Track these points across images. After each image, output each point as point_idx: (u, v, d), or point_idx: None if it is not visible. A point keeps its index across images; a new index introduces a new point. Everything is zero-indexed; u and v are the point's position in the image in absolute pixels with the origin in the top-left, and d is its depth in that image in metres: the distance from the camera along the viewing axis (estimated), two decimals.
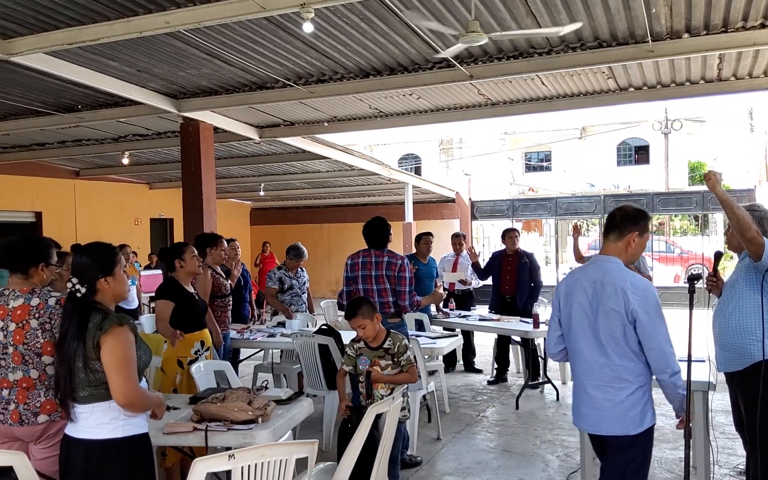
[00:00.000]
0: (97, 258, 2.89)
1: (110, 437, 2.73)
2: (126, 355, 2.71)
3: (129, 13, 5.36)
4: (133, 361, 2.75)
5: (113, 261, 2.92)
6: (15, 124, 9.57)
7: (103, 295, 2.87)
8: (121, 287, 2.95)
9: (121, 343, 2.71)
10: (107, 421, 2.73)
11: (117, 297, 2.95)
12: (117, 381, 2.67)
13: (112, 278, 2.89)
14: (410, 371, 4.30)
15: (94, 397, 2.73)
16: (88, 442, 2.73)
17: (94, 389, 2.73)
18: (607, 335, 3.13)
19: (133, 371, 2.73)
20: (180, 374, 4.75)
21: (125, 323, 2.77)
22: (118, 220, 15.70)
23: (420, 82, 7.34)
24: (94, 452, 2.71)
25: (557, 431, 6.20)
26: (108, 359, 2.69)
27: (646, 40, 6.26)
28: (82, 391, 2.74)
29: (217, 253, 6.20)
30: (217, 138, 9.74)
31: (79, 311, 2.79)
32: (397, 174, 16.04)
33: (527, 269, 8.00)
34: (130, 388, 2.68)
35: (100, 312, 2.79)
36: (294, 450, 2.79)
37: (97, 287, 2.85)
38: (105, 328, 2.71)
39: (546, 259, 21.94)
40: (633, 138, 32.37)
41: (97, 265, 2.87)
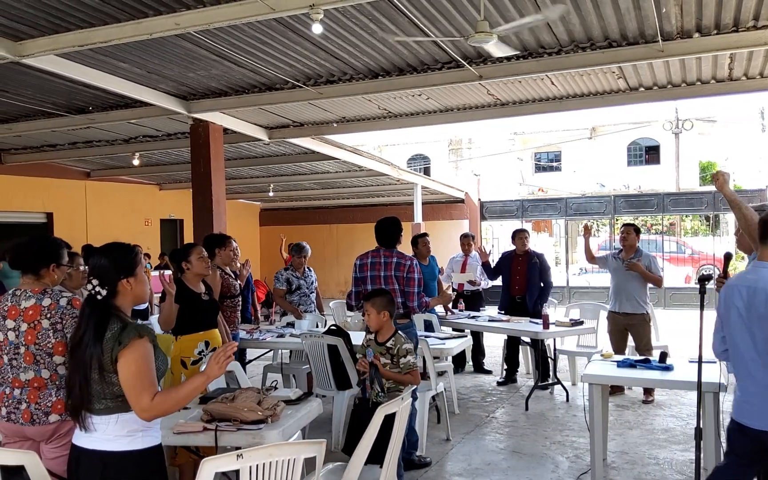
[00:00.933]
0: (117, 258, 2.77)
1: (128, 449, 2.62)
2: (144, 368, 2.59)
3: (139, 15, 5.38)
4: (152, 372, 2.62)
5: (134, 261, 2.81)
6: (26, 125, 9.64)
7: (123, 298, 2.75)
8: (142, 289, 2.83)
9: (138, 357, 2.58)
10: (124, 433, 2.62)
11: (138, 299, 2.83)
12: (134, 397, 2.56)
13: (134, 279, 2.78)
14: (412, 374, 4.36)
15: (110, 410, 2.61)
16: (104, 454, 2.61)
17: (111, 401, 2.61)
18: (763, 339, 3.19)
19: (150, 382, 2.60)
20: (184, 375, 4.74)
21: (145, 334, 2.64)
22: (129, 221, 15.78)
23: (429, 82, 7.34)
24: (111, 465, 2.60)
25: (567, 432, 6.18)
26: (125, 374, 2.57)
27: (656, 39, 6.23)
28: (97, 403, 2.61)
29: (226, 253, 6.21)
30: (226, 139, 9.77)
31: (97, 317, 2.66)
32: (406, 174, 16.03)
33: (537, 270, 7.97)
34: (147, 403, 2.56)
35: (119, 320, 2.65)
36: (302, 450, 2.79)
37: (119, 289, 2.73)
38: (124, 342, 2.58)
39: (556, 259, 21.87)
40: (643, 138, 32.22)
41: (119, 266, 2.75)
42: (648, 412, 6.77)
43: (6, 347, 3.22)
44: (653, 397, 7.13)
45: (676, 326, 10.79)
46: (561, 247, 21.55)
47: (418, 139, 32.93)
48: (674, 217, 22.78)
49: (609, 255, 7.78)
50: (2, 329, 3.24)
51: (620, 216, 16.87)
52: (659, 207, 17.05)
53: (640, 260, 7.13)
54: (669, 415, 6.68)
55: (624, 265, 7.14)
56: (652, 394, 7.14)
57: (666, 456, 5.51)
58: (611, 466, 5.28)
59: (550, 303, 8.44)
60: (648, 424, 6.38)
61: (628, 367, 4.99)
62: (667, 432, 6.14)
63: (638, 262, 7.08)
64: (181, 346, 4.82)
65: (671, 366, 4.86)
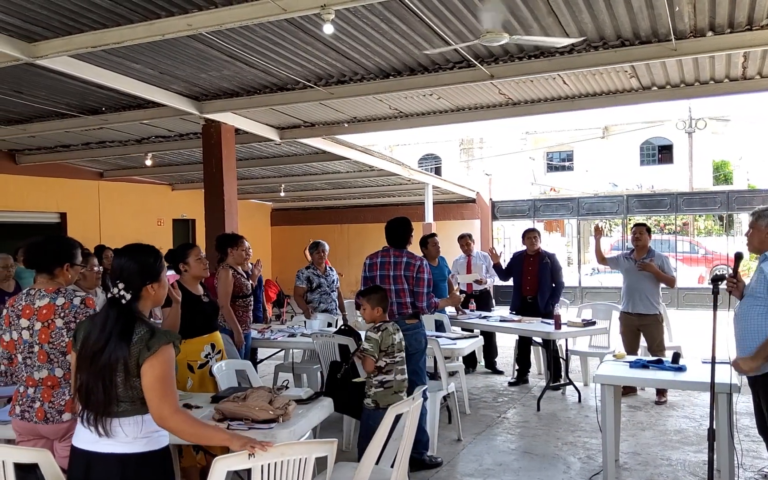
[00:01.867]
0: (144, 263, 2.74)
1: (147, 450, 2.61)
2: (169, 374, 2.58)
3: (152, 16, 5.41)
4: (172, 380, 2.61)
5: (160, 266, 2.79)
6: (40, 126, 9.72)
7: (145, 302, 2.74)
8: (163, 293, 2.83)
9: (164, 362, 2.57)
10: (142, 435, 2.61)
11: (156, 303, 2.83)
12: (156, 401, 2.54)
13: (158, 284, 2.77)
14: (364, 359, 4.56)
15: (129, 412, 2.59)
16: (123, 457, 2.58)
17: (130, 404, 2.59)
18: None
19: (173, 389, 2.60)
20: (191, 379, 4.62)
21: (171, 340, 2.63)
22: (141, 221, 15.85)
23: (440, 82, 7.32)
24: (131, 466, 2.58)
25: (579, 433, 6.15)
26: (149, 379, 2.55)
27: (669, 38, 6.19)
28: (117, 406, 2.58)
29: (239, 253, 6.24)
30: (238, 139, 9.80)
31: (123, 321, 2.62)
32: (417, 174, 16.01)
33: (548, 270, 7.94)
34: (168, 411, 2.54)
35: (144, 324, 2.63)
36: (313, 449, 2.79)
37: (142, 294, 2.72)
38: (153, 347, 2.55)
39: (568, 259, 21.79)
40: (656, 137, 32.05)
41: (146, 271, 2.73)
42: (661, 413, 6.74)
43: (20, 346, 3.25)
44: (666, 398, 7.09)
45: (689, 327, 10.73)
46: (573, 247, 21.46)
47: (429, 138, 32.93)
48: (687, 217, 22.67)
49: (621, 255, 7.75)
50: (17, 328, 3.27)
51: (633, 216, 16.78)
52: (672, 207, 16.94)
53: (653, 260, 7.09)
54: (682, 416, 6.64)
55: (636, 266, 7.10)
56: (664, 394, 7.10)
57: (679, 457, 5.47)
58: (623, 467, 5.26)
59: (562, 303, 8.41)
60: (661, 425, 6.34)
61: (640, 367, 4.97)
62: (680, 433, 6.11)
63: (651, 262, 7.04)
64: (186, 349, 4.70)
65: (684, 367, 4.84)
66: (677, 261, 16.03)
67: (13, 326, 3.28)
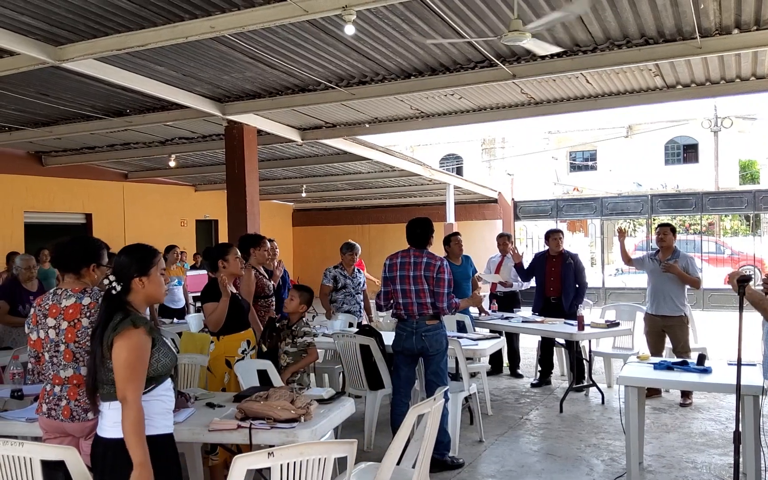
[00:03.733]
0: (135, 258, 2.92)
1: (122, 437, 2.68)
2: (133, 358, 2.69)
3: (175, 19, 5.47)
4: (141, 364, 2.71)
5: (150, 263, 2.94)
6: (66, 128, 9.86)
7: (135, 295, 2.88)
8: (155, 289, 2.94)
9: (128, 345, 2.70)
10: (121, 420, 2.69)
11: (150, 299, 2.96)
12: (119, 383, 2.67)
13: (147, 279, 2.90)
14: (308, 352, 5.10)
15: (111, 396, 2.74)
16: (105, 441, 2.75)
17: (111, 387, 2.74)
18: None
19: (138, 375, 2.69)
20: (228, 374, 4.80)
21: (141, 325, 2.75)
22: (165, 222, 16.02)
23: (462, 82, 7.31)
24: (110, 451, 2.72)
25: (602, 435, 6.10)
26: (116, 361, 2.69)
27: (694, 36, 6.12)
28: (102, 389, 2.79)
29: (261, 253, 6.27)
30: (260, 140, 9.87)
31: (109, 309, 2.83)
32: (438, 174, 15.99)
33: (572, 270, 7.87)
34: (131, 396, 2.64)
35: (124, 312, 2.79)
36: (333, 449, 2.80)
37: (132, 287, 2.87)
38: (119, 329, 2.71)
39: (591, 260, 21.57)
40: (681, 136, 31.63)
41: (134, 265, 2.89)
42: (686, 416, 6.65)
43: (47, 345, 3.30)
44: (691, 400, 7.00)
45: (715, 328, 10.58)
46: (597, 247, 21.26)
47: (450, 138, 32.81)
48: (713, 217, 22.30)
49: (646, 256, 7.66)
50: (43, 327, 3.31)
51: (657, 216, 16.59)
52: (698, 206, 16.72)
53: (678, 261, 7.00)
54: (707, 418, 6.55)
55: (661, 267, 7.02)
56: (690, 397, 7.01)
57: (704, 460, 5.40)
58: (648, 470, 5.20)
59: (586, 304, 8.33)
60: (686, 428, 6.26)
61: (665, 369, 4.91)
62: (706, 436, 6.02)
63: (675, 264, 6.95)
64: (224, 345, 4.87)
65: (709, 368, 4.77)
66: (703, 261, 15.80)
67: (41, 325, 3.33)
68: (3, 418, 3.73)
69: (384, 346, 5.82)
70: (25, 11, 5.30)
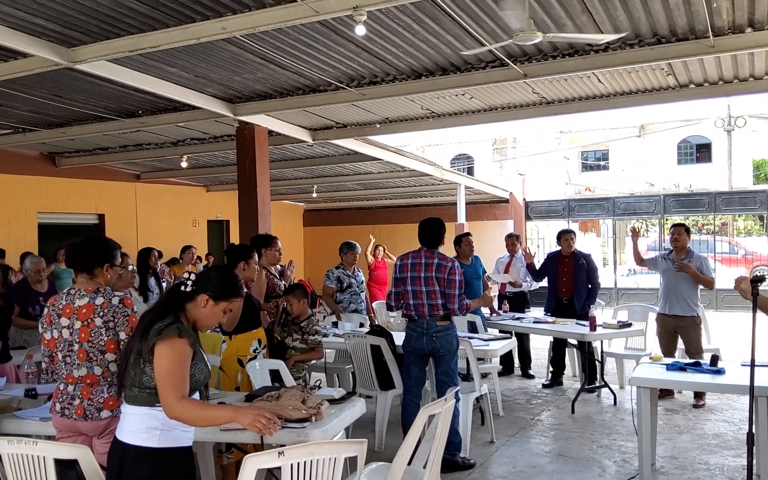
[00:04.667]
0: (221, 283, 2.87)
1: (143, 445, 2.66)
2: (172, 366, 2.64)
3: (187, 20, 5.49)
4: (184, 373, 2.67)
5: (228, 297, 2.87)
6: (79, 129, 9.92)
7: (194, 308, 2.82)
8: (209, 319, 2.88)
9: (170, 354, 2.64)
10: (143, 428, 2.67)
11: (200, 322, 2.86)
12: (162, 390, 2.63)
13: (213, 305, 2.83)
14: (316, 350, 5.56)
15: (137, 400, 2.68)
16: (123, 445, 2.69)
17: (139, 391, 2.68)
18: None
19: (180, 382, 2.65)
20: (241, 373, 4.84)
21: (185, 336, 2.69)
22: (177, 222, 16.09)
23: (473, 81, 7.28)
24: (128, 457, 2.67)
25: (614, 436, 6.07)
26: (157, 367, 2.64)
27: (707, 35, 6.07)
28: (129, 390, 2.71)
29: (272, 253, 6.29)
30: (271, 141, 9.88)
31: (165, 305, 2.80)
32: (449, 174, 15.96)
33: (584, 271, 7.84)
34: (173, 400, 2.61)
35: (174, 317, 2.73)
36: (343, 449, 2.80)
37: (197, 299, 2.82)
38: (163, 334, 2.65)
39: (604, 260, 21.47)
40: (694, 136, 31.42)
41: (216, 287, 2.84)
42: (698, 417, 6.61)
43: (60, 344, 3.33)
44: (704, 402, 6.95)
45: (728, 329, 10.50)
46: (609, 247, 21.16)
47: (461, 138, 32.77)
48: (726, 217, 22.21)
49: (658, 256, 7.62)
50: (57, 327, 3.34)
51: (670, 216, 16.49)
52: (711, 206, 16.60)
53: (691, 261, 6.95)
54: (720, 419, 6.50)
55: (674, 267, 6.98)
56: (703, 398, 6.96)
57: (717, 462, 5.36)
58: (660, 471, 5.17)
59: (598, 304, 8.28)
60: (698, 429, 6.22)
61: (677, 370, 4.88)
62: (719, 437, 5.98)
63: (689, 264, 6.91)
64: (237, 344, 4.90)
65: (723, 369, 4.74)
66: (716, 262, 15.70)
67: (54, 325, 3.36)
68: (17, 417, 3.77)
69: (395, 347, 5.83)
70: (38, 13, 5.34)
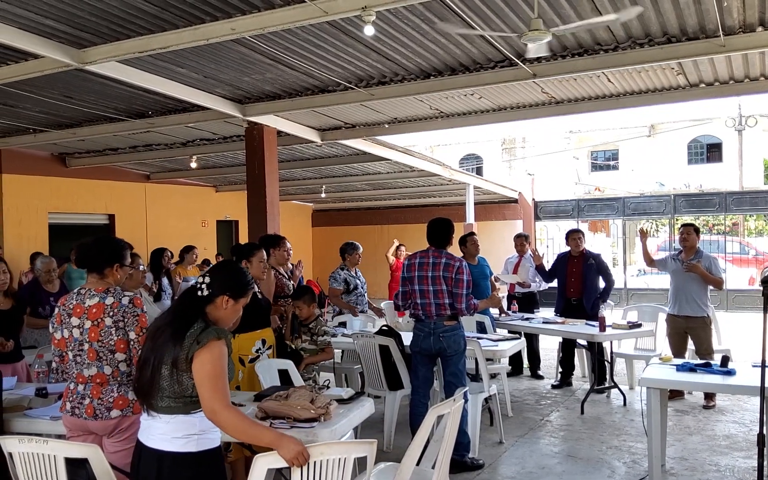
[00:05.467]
0: (236, 282, 2.85)
1: (182, 451, 2.66)
2: (215, 370, 2.62)
3: (196, 21, 5.51)
4: (224, 376, 2.66)
5: (245, 293, 2.87)
6: (89, 130, 9.98)
7: (215, 311, 2.79)
8: (230, 317, 2.85)
9: (212, 358, 2.62)
10: (181, 435, 2.66)
11: (221, 322, 2.82)
12: (206, 395, 2.60)
13: (234, 304, 2.83)
14: (326, 350, 5.65)
15: (172, 410, 2.66)
16: (159, 453, 2.66)
17: (174, 401, 2.66)
18: None
19: (223, 385, 2.64)
20: (242, 372, 4.84)
21: (222, 337, 2.69)
22: (186, 222, 16.15)
23: (482, 81, 7.27)
24: (166, 464, 2.65)
25: (624, 437, 6.04)
26: (200, 373, 2.61)
27: (717, 34, 6.04)
28: (161, 400, 2.66)
29: (281, 253, 6.31)
30: (280, 141, 9.90)
31: (189, 312, 2.74)
32: (458, 175, 15.95)
33: (594, 271, 7.81)
34: (219, 406, 2.59)
35: (202, 322, 2.72)
36: (352, 449, 2.81)
37: (216, 302, 2.79)
38: (202, 341, 2.63)
39: (613, 260, 21.36)
40: (705, 135, 31.25)
41: (232, 286, 2.82)
42: (709, 418, 6.57)
43: (71, 343, 3.35)
44: (714, 403, 6.92)
45: (739, 329, 10.43)
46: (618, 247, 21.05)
47: (470, 138, 32.71)
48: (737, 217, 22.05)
49: (668, 256, 7.58)
50: (68, 326, 3.36)
51: (680, 216, 16.41)
52: (721, 206, 16.51)
53: (701, 262, 6.92)
54: (731, 420, 6.46)
55: (683, 267, 6.94)
56: (713, 399, 6.92)
57: (728, 463, 5.33)
58: (670, 472, 5.15)
59: (607, 305, 8.25)
60: (709, 430, 6.19)
61: (688, 371, 4.86)
62: (729, 438, 5.95)
63: (698, 264, 6.87)
64: (239, 343, 4.90)
65: (733, 370, 4.72)
66: (727, 262, 15.60)
67: (65, 324, 3.38)
68: (28, 415, 3.79)
69: (403, 347, 5.83)
70: (49, 15, 5.38)
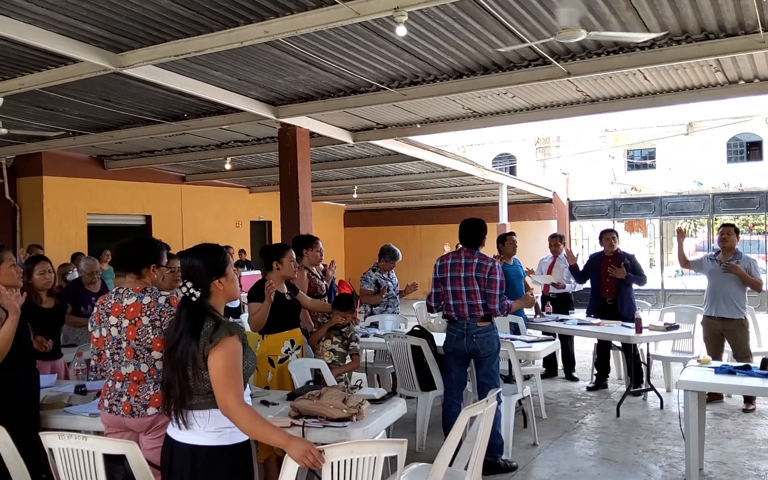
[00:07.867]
0: (208, 260, 2.84)
1: (216, 445, 2.70)
2: (231, 364, 2.67)
3: (230, 25, 5.58)
4: (237, 372, 2.69)
5: (224, 261, 2.88)
6: (127, 132, 10.17)
7: (216, 297, 2.84)
8: (233, 287, 2.91)
9: (226, 354, 2.66)
10: (213, 429, 2.71)
11: (229, 297, 2.90)
12: (220, 392, 2.64)
13: (225, 279, 2.86)
14: (353, 358, 5.54)
15: (202, 406, 2.71)
16: (194, 448, 2.71)
17: (202, 397, 2.71)
18: None
19: (237, 381, 2.67)
20: (271, 372, 4.86)
21: (235, 332, 2.72)
22: (221, 223, 16.37)
23: (515, 80, 7.22)
24: (200, 458, 2.69)
25: (661, 440, 5.94)
26: (214, 370, 2.66)
27: (756, 30, 5.90)
28: (190, 399, 2.72)
29: (313, 253, 6.33)
30: (312, 142, 9.96)
31: (194, 317, 2.76)
32: (490, 174, 15.86)
33: (628, 271, 7.69)
34: (232, 403, 2.63)
35: (213, 319, 2.75)
36: (383, 448, 2.81)
37: (211, 290, 2.82)
38: (215, 339, 2.67)
39: (650, 261, 21.02)
40: (744, 133, 30.51)
41: (210, 268, 2.83)
42: (749, 422, 6.43)
43: (109, 342, 3.41)
44: (754, 406, 6.76)
45: None
46: (656, 248, 20.71)
47: (503, 138, 32.43)
48: None
49: (705, 257, 7.43)
50: (106, 325, 3.43)
51: (719, 216, 16.09)
52: (762, 206, 16.13)
53: (739, 262, 6.76)
54: (755, 424, 6.31)
55: (722, 267, 6.80)
56: (753, 402, 6.76)
57: (752, 464, 5.21)
58: (708, 477, 5.05)
59: (643, 306, 8.11)
60: (748, 434, 6.05)
61: (726, 373, 4.76)
62: (752, 443, 5.80)
63: (737, 264, 6.72)
64: (268, 344, 4.94)
65: None
66: (767, 263, 15.22)
67: (103, 323, 3.45)
68: (68, 412, 3.88)
69: (435, 347, 5.81)
70: (87, 20, 5.49)
